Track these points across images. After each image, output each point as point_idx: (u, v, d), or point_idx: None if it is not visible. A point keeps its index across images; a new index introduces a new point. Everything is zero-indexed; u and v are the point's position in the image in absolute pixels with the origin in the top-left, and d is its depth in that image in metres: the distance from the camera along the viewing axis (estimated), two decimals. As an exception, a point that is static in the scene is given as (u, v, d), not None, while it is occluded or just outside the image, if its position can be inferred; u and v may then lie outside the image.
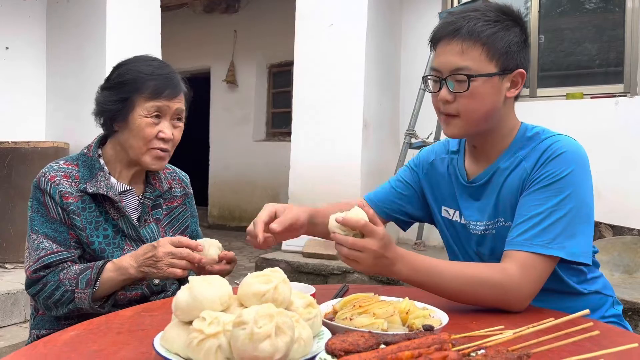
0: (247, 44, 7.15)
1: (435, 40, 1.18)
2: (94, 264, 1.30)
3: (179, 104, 1.39)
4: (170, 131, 1.38)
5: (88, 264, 1.32)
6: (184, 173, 1.63)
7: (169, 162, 1.62)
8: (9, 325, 3.12)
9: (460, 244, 1.32)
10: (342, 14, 4.36)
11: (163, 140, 1.37)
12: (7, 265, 3.72)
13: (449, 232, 1.35)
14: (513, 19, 1.16)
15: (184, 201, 1.55)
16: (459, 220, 1.30)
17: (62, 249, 1.33)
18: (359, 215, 1.00)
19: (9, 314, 3.13)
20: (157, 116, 1.36)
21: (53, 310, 1.31)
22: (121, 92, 1.36)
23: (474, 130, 1.18)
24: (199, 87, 7.07)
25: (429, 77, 1.20)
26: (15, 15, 4.27)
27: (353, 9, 4.32)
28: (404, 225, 1.48)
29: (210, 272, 1.28)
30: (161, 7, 4.43)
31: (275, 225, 1.18)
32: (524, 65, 1.17)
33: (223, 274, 1.30)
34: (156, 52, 4.22)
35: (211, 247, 1.28)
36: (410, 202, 1.41)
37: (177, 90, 1.39)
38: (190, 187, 1.61)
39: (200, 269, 1.29)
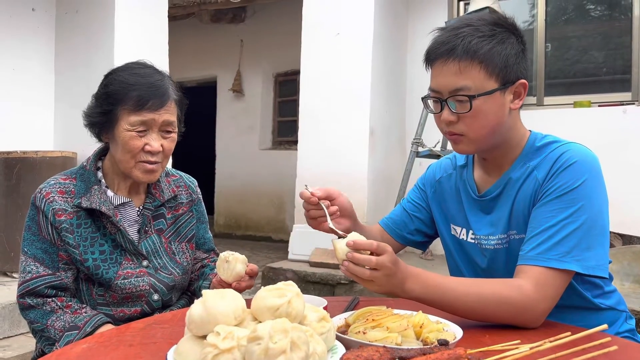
0: (253, 53, 7.19)
1: (431, 60, 1.15)
2: (84, 323, 1.26)
3: (167, 115, 1.31)
4: (158, 143, 1.30)
5: (79, 319, 1.27)
6: (191, 178, 1.57)
7: (176, 168, 1.59)
8: (16, 335, 3.12)
9: (468, 264, 1.29)
10: (348, 23, 4.37)
11: (150, 153, 1.30)
12: (14, 275, 3.73)
13: (455, 251, 1.32)
14: (507, 30, 1.14)
15: (190, 208, 1.51)
16: (466, 239, 1.27)
17: (49, 271, 1.31)
18: (361, 238, 1.00)
19: (17, 323, 3.13)
20: (143, 129, 1.29)
21: (38, 343, 1.32)
22: (105, 103, 1.31)
23: (483, 146, 1.17)
24: (205, 96, 7.21)
25: (429, 98, 1.18)
26: (24, 25, 4.31)
27: (359, 18, 4.33)
28: (422, 246, 1.46)
29: (237, 289, 1.21)
30: (168, 17, 4.46)
31: (316, 191, 1.19)
32: (525, 74, 1.15)
33: (248, 289, 1.26)
34: (163, 61, 4.25)
35: (237, 264, 1.22)
36: (425, 223, 1.40)
37: (164, 100, 1.30)
38: (198, 192, 1.56)
39: (228, 285, 1.23)
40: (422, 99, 1.21)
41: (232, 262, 1.21)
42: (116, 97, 1.29)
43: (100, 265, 1.32)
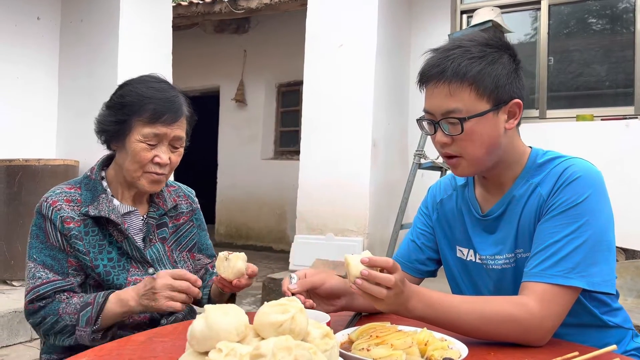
0: (256, 63, 7.23)
1: (423, 82, 1.16)
2: (94, 298, 1.26)
3: (178, 130, 1.35)
4: (167, 156, 1.34)
5: (88, 297, 1.28)
6: (189, 189, 1.60)
7: (178, 177, 1.60)
8: (15, 344, 3.10)
9: (472, 287, 1.27)
10: (351, 34, 4.40)
11: (159, 165, 1.34)
12: (14, 283, 3.72)
13: (459, 275, 1.29)
14: (499, 49, 1.13)
15: (190, 217, 1.53)
16: (474, 260, 1.24)
17: (58, 277, 1.31)
18: (370, 256, 0.98)
19: (15, 332, 3.11)
20: (155, 142, 1.33)
21: (55, 341, 1.30)
22: (120, 113, 1.34)
23: (482, 167, 1.16)
24: (208, 105, 7.23)
25: (423, 119, 1.18)
26: (29, 34, 4.34)
27: (362, 29, 4.35)
28: (434, 274, 1.41)
29: (238, 286, 1.27)
30: (172, 27, 4.48)
31: (293, 286, 1.16)
32: (519, 93, 1.14)
33: (247, 287, 1.30)
34: (167, 71, 4.27)
35: (238, 261, 1.26)
36: (434, 250, 1.36)
37: (177, 115, 1.34)
38: (197, 202, 1.59)
39: (228, 283, 1.27)
40: (417, 120, 1.21)
41: (233, 260, 1.25)
42: (132, 108, 1.32)
43: (111, 272, 1.34)
